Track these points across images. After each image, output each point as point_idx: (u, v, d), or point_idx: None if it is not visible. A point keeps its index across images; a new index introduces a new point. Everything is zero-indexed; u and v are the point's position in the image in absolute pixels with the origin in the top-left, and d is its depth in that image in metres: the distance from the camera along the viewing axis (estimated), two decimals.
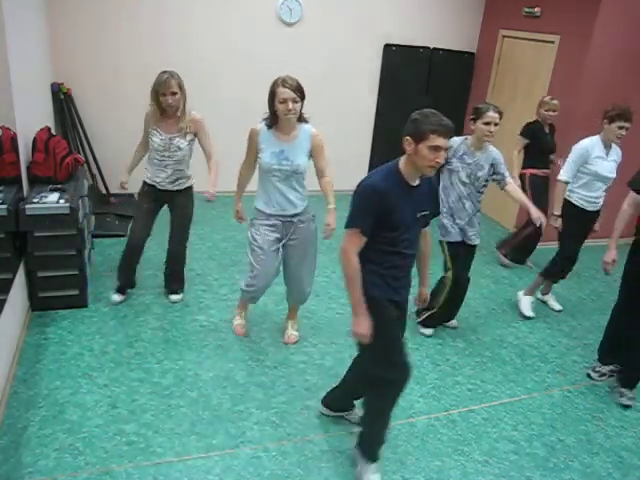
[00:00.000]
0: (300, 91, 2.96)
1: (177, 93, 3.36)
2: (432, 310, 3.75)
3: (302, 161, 3.12)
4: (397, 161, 2.39)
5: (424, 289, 2.79)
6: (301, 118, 3.09)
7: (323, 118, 5.77)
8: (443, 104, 6.08)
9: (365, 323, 2.36)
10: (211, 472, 2.57)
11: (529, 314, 4.26)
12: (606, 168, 3.85)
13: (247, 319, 3.74)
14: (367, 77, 6.27)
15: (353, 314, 2.38)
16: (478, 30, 6.48)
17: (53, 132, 4.17)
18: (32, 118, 3.94)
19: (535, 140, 4.74)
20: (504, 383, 3.45)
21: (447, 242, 3.58)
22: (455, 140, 3.41)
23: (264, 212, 3.23)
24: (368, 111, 6.43)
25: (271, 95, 2.98)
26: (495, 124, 3.33)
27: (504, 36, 6.08)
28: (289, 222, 3.24)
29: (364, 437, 2.65)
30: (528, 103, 5.53)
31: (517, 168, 4.77)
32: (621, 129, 3.70)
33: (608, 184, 3.93)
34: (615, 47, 5.03)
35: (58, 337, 3.42)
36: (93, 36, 5.16)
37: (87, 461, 2.55)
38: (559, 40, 5.30)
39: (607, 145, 3.84)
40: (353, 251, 2.35)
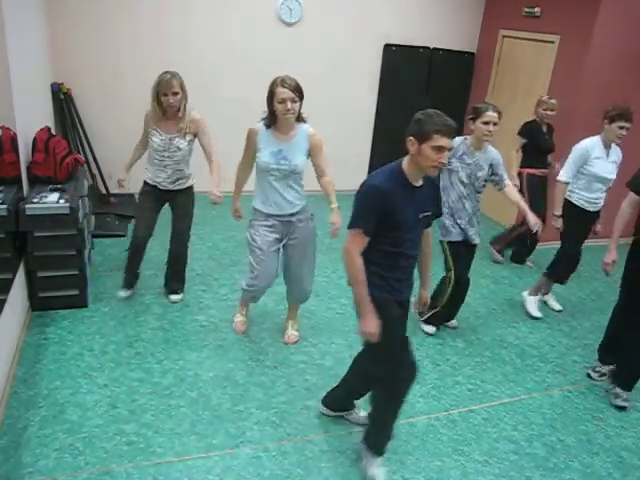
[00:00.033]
0: (299, 91, 2.97)
1: (178, 93, 3.38)
2: (436, 309, 3.76)
3: (300, 161, 3.12)
4: (400, 161, 2.38)
5: (424, 292, 2.78)
6: (299, 118, 3.10)
7: (323, 118, 5.78)
8: (443, 104, 6.08)
9: (373, 322, 2.36)
10: (211, 472, 2.57)
11: (536, 314, 4.26)
12: (605, 169, 3.84)
13: (248, 317, 3.75)
14: (367, 77, 6.27)
15: (360, 314, 2.39)
16: (478, 30, 6.48)
17: (53, 132, 4.17)
18: (32, 118, 3.94)
19: (533, 139, 4.74)
20: (504, 383, 3.45)
21: (448, 242, 3.58)
22: (455, 140, 3.41)
23: (262, 212, 3.23)
24: (368, 111, 6.44)
25: (270, 95, 2.99)
26: (494, 124, 3.33)
27: (504, 36, 6.08)
28: (287, 222, 3.24)
29: (371, 432, 2.66)
30: (528, 103, 5.52)
31: (515, 167, 4.78)
32: (621, 129, 3.70)
33: (608, 185, 3.92)
34: (615, 47, 5.03)
35: (58, 337, 3.43)
36: (93, 36, 5.16)
37: (87, 461, 2.55)
38: (559, 40, 5.30)
39: (607, 145, 3.83)
40: (356, 251, 2.35)
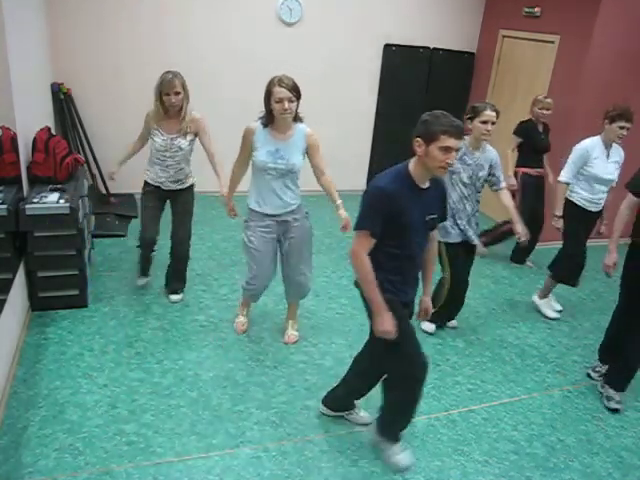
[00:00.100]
0: (296, 90, 2.97)
1: (180, 93, 3.41)
2: (434, 309, 3.76)
3: (297, 160, 3.12)
4: (407, 163, 2.38)
5: (426, 298, 2.75)
6: (296, 117, 3.10)
7: (323, 118, 5.82)
8: (443, 104, 6.10)
9: (388, 319, 2.36)
10: (211, 472, 2.57)
11: (553, 315, 4.26)
12: (606, 170, 3.83)
13: (249, 317, 3.75)
14: (367, 77, 6.27)
15: (375, 313, 2.39)
16: (478, 30, 6.48)
17: (53, 132, 4.17)
18: (32, 118, 3.94)
19: (528, 139, 4.73)
20: (504, 383, 3.45)
21: (446, 243, 3.58)
22: None
23: (257, 212, 3.23)
24: (368, 111, 6.43)
25: (267, 94, 2.99)
26: (492, 123, 3.33)
27: (504, 36, 6.08)
28: (283, 221, 3.24)
29: (386, 423, 2.70)
30: (528, 103, 5.47)
31: (511, 167, 4.78)
32: (622, 129, 3.70)
33: (610, 185, 3.92)
34: (615, 47, 5.03)
35: (58, 337, 3.43)
36: (93, 36, 5.16)
37: (87, 461, 2.55)
38: (559, 40, 5.30)
39: (608, 145, 3.83)
40: (363, 253, 2.36)
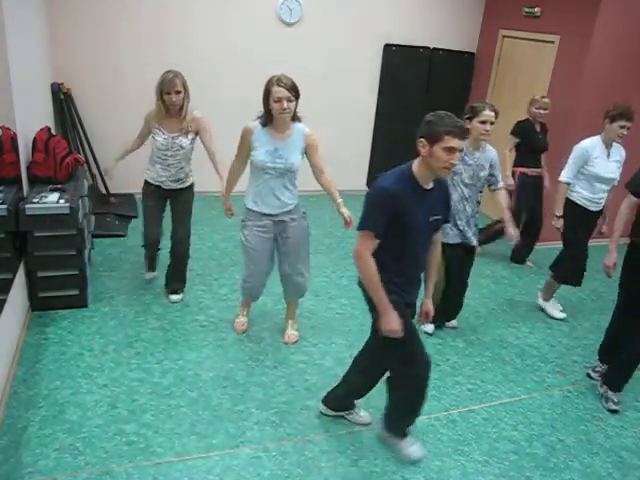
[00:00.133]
0: (295, 90, 2.98)
1: (181, 92, 3.44)
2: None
3: (296, 160, 3.13)
4: (410, 164, 2.38)
5: (428, 301, 2.73)
6: (295, 117, 3.11)
7: (323, 118, 5.82)
8: (443, 104, 6.09)
9: (394, 319, 2.37)
10: (211, 472, 2.57)
11: (561, 316, 4.26)
12: (607, 169, 3.83)
13: (249, 317, 3.75)
14: (367, 77, 6.27)
15: (380, 313, 2.40)
16: (478, 30, 6.48)
17: (53, 132, 4.17)
18: (32, 118, 3.94)
19: (525, 139, 4.73)
20: (504, 383, 3.45)
21: (444, 244, 3.56)
22: None
23: (254, 212, 3.24)
24: (368, 111, 6.43)
25: (266, 94, 3.00)
26: (491, 123, 3.33)
27: (504, 36, 6.08)
28: (280, 221, 3.25)
29: (393, 419, 2.75)
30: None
31: (509, 167, 4.78)
32: (622, 128, 3.70)
33: (611, 184, 3.92)
34: (615, 47, 5.03)
35: (58, 337, 3.43)
36: (93, 36, 5.16)
37: (87, 461, 2.55)
38: (559, 40, 5.30)
39: (608, 145, 3.83)
40: (367, 253, 2.36)
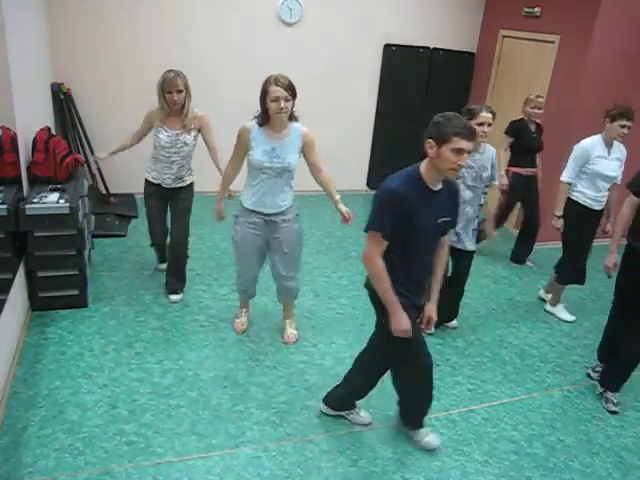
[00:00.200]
0: (292, 90, 2.99)
1: (182, 91, 3.48)
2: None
3: (293, 159, 3.14)
4: (418, 165, 2.38)
5: (431, 306, 2.66)
6: (292, 117, 3.11)
7: (323, 118, 5.82)
8: (443, 104, 6.10)
9: (404, 320, 2.40)
10: (211, 472, 2.57)
11: (570, 318, 4.25)
12: (609, 167, 3.83)
13: (248, 317, 3.75)
14: (367, 77, 6.27)
15: (391, 313, 2.41)
16: (478, 30, 6.47)
17: (53, 132, 4.17)
18: (32, 118, 3.94)
19: (519, 138, 4.72)
20: (504, 383, 3.45)
21: None
22: None
23: (247, 208, 3.25)
24: (368, 111, 6.43)
25: (263, 93, 3.00)
26: (488, 124, 3.33)
27: (504, 36, 6.08)
28: (271, 221, 3.25)
29: (407, 414, 2.85)
30: None
31: (503, 166, 4.78)
32: (623, 128, 3.70)
33: (612, 182, 3.92)
34: (615, 47, 5.02)
35: (58, 337, 3.43)
36: (93, 36, 5.16)
37: (87, 461, 2.55)
38: (559, 40, 5.30)
39: (609, 144, 3.83)
40: (376, 255, 2.36)
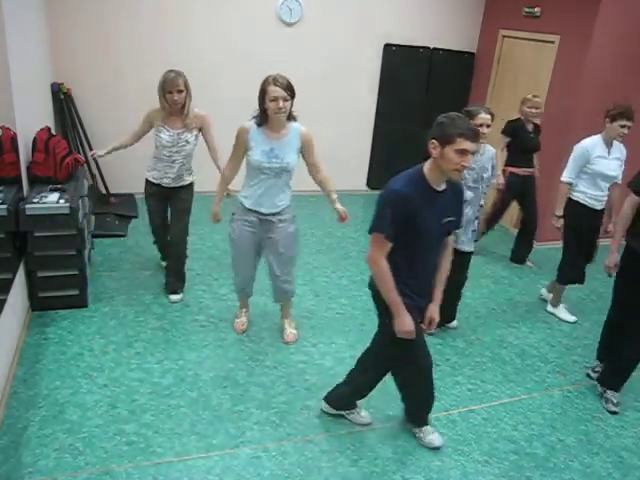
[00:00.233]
0: (290, 90, 2.99)
1: (183, 91, 3.50)
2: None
3: (292, 159, 3.14)
4: (421, 166, 2.38)
5: (434, 307, 2.62)
6: (290, 116, 3.12)
7: (323, 118, 5.82)
8: (443, 104, 6.10)
9: (408, 321, 2.41)
10: (211, 472, 2.57)
11: (571, 319, 4.25)
12: (609, 167, 3.84)
13: (248, 317, 3.75)
14: (367, 77, 6.27)
15: (395, 315, 2.43)
16: (478, 30, 6.47)
17: (53, 132, 4.17)
18: (32, 118, 3.94)
19: (516, 138, 4.72)
20: (504, 383, 3.45)
21: None
22: None
23: (244, 206, 3.25)
24: (368, 111, 6.43)
25: (262, 93, 3.00)
26: (487, 125, 3.33)
27: (504, 36, 6.08)
28: (267, 220, 3.26)
29: (411, 412, 2.90)
30: None
31: (500, 166, 4.78)
32: (623, 128, 3.70)
33: (612, 182, 3.92)
34: (615, 47, 5.03)
35: (58, 337, 3.43)
36: (93, 36, 5.16)
37: (87, 461, 2.55)
38: (559, 40, 5.30)
39: (609, 144, 3.83)
40: (381, 258, 2.37)
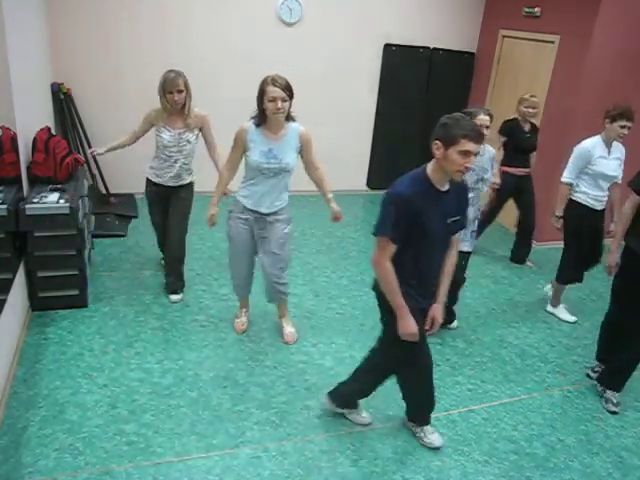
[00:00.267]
0: (289, 90, 3.00)
1: (183, 91, 3.52)
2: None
3: (291, 159, 3.15)
4: (425, 166, 2.38)
5: (437, 305, 2.59)
6: (289, 117, 3.13)
7: (323, 118, 5.82)
8: (443, 104, 6.11)
9: (412, 324, 2.42)
10: (211, 472, 2.58)
11: (571, 319, 4.25)
12: (609, 167, 3.84)
13: (248, 317, 3.75)
14: (367, 77, 6.27)
15: (398, 317, 2.43)
16: (478, 30, 6.47)
17: (53, 132, 4.17)
18: (32, 118, 3.94)
19: (512, 137, 4.71)
20: (504, 383, 3.45)
21: None
22: None
23: (240, 203, 3.26)
24: (368, 111, 6.43)
25: (260, 93, 3.01)
26: (486, 127, 3.33)
27: (504, 36, 6.08)
28: (263, 219, 3.27)
29: (413, 411, 2.89)
30: None
31: (497, 165, 4.78)
32: (623, 128, 3.70)
33: (612, 182, 3.92)
34: (615, 47, 5.02)
35: (58, 337, 3.43)
36: (93, 36, 5.16)
37: (87, 461, 2.55)
38: (559, 40, 5.30)
39: (609, 144, 3.83)
40: (385, 261, 2.37)
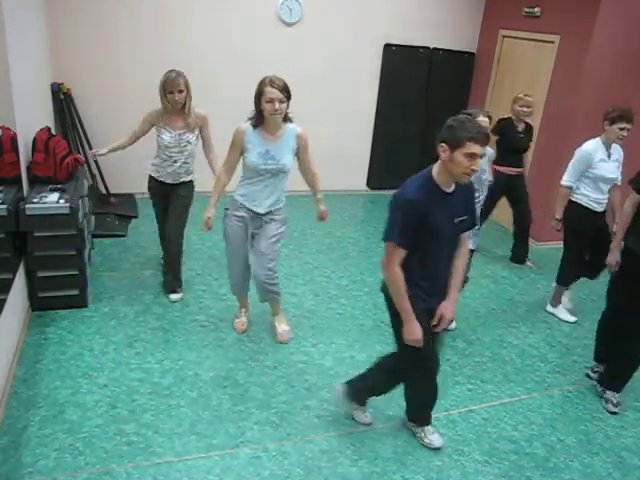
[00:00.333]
0: (287, 91, 3.01)
1: (184, 91, 3.53)
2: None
3: (288, 160, 3.16)
4: (430, 168, 2.38)
5: (447, 304, 2.55)
6: (286, 118, 3.13)
7: (323, 118, 5.83)
8: (443, 104, 6.12)
9: (417, 329, 2.43)
10: (211, 472, 2.57)
11: (571, 319, 4.25)
12: (609, 169, 3.85)
13: (248, 317, 3.75)
14: (367, 77, 6.27)
15: (404, 322, 2.44)
16: (478, 30, 6.48)
17: (53, 132, 4.17)
18: (32, 118, 3.94)
19: (504, 137, 4.71)
20: (504, 383, 3.45)
21: None
22: None
23: (237, 201, 3.27)
24: (368, 111, 6.43)
25: (258, 94, 3.02)
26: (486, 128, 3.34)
27: (504, 36, 6.08)
28: (258, 218, 3.29)
29: (415, 412, 2.89)
30: None
31: (489, 163, 4.77)
32: (622, 130, 3.70)
33: (611, 184, 3.93)
34: (615, 47, 5.03)
35: (58, 337, 3.43)
36: (93, 36, 5.16)
37: (87, 461, 2.55)
38: (559, 40, 5.30)
39: (608, 146, 3.84)
40: (395, 265, 2.38)
